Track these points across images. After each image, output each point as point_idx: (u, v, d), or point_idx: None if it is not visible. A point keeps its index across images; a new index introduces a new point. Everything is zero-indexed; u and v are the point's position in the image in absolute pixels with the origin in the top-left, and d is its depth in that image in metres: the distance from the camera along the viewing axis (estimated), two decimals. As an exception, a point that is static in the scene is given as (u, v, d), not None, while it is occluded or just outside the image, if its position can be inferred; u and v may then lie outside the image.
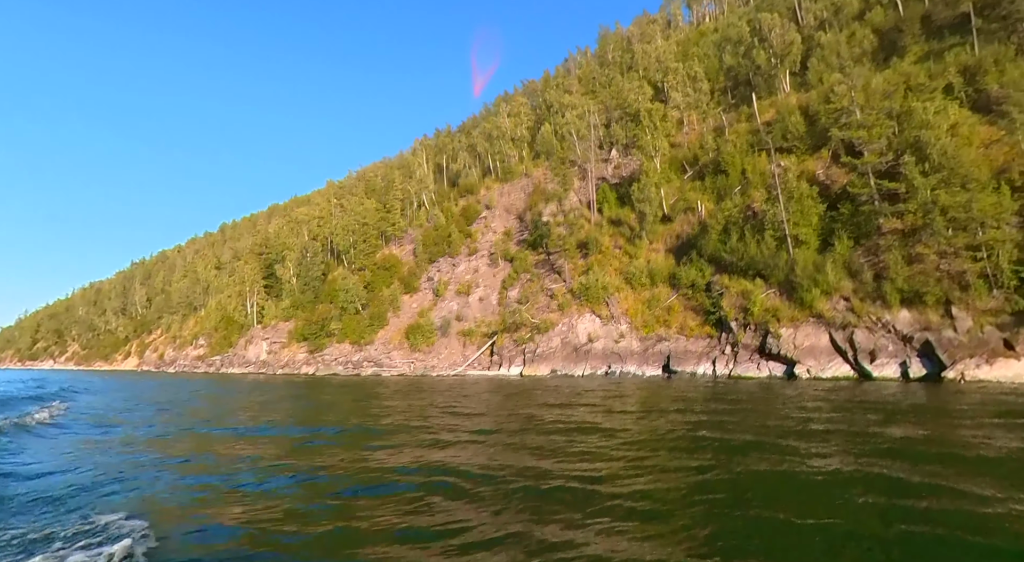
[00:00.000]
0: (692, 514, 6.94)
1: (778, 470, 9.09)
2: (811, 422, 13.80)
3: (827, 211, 32.68)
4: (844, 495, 7.51)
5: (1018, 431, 11.76)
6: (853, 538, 5.96)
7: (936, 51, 41.17)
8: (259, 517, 7.28)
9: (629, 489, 8.06)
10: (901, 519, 6.39)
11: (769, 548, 5.87)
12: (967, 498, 7.07)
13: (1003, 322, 23.20)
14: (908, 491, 7.51)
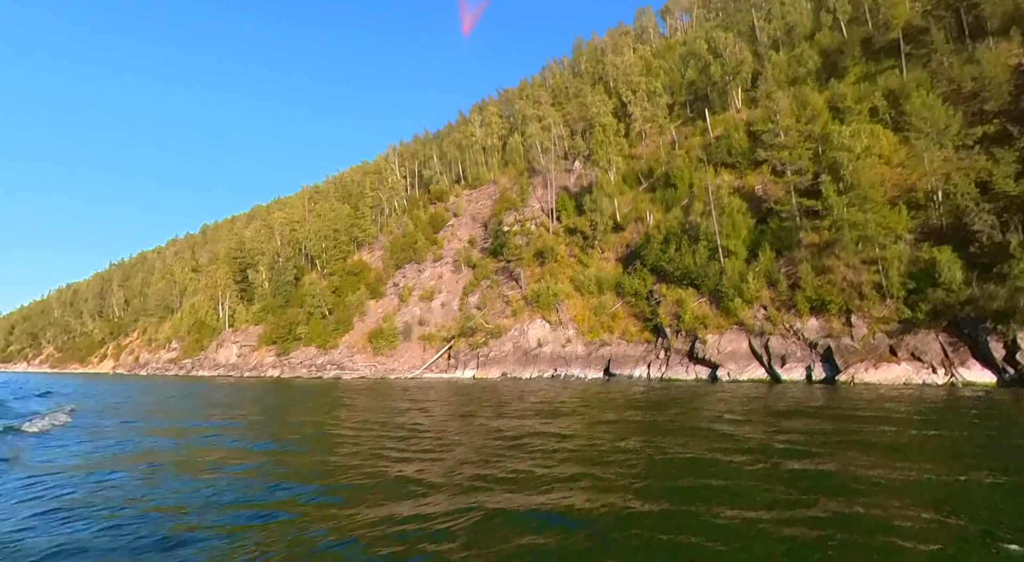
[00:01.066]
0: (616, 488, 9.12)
1: (703, 457, 10.93)
2: (722, 418, 16.17)
3: (758, 225, 35.29)
4: (750, 470, 9.73)
5: (891, 425, 14.01)
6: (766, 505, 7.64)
7: (872, 73, 44.16)
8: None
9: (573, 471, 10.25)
10: (809, 500, 7.64)
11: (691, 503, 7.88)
12: (854, 471, 9.11)
13: (891, 330, 25.81)
14: (806, 473, 9.34)
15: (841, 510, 7.19)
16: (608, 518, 7.12)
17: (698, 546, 6.11)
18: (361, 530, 6.81)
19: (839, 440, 12.20)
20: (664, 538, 6.34)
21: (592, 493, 8.32)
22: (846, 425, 14.00)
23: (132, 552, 6.34)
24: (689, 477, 9.25)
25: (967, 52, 37.90)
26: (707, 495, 8.01)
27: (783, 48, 56.10)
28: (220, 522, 7.31)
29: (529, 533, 6.64)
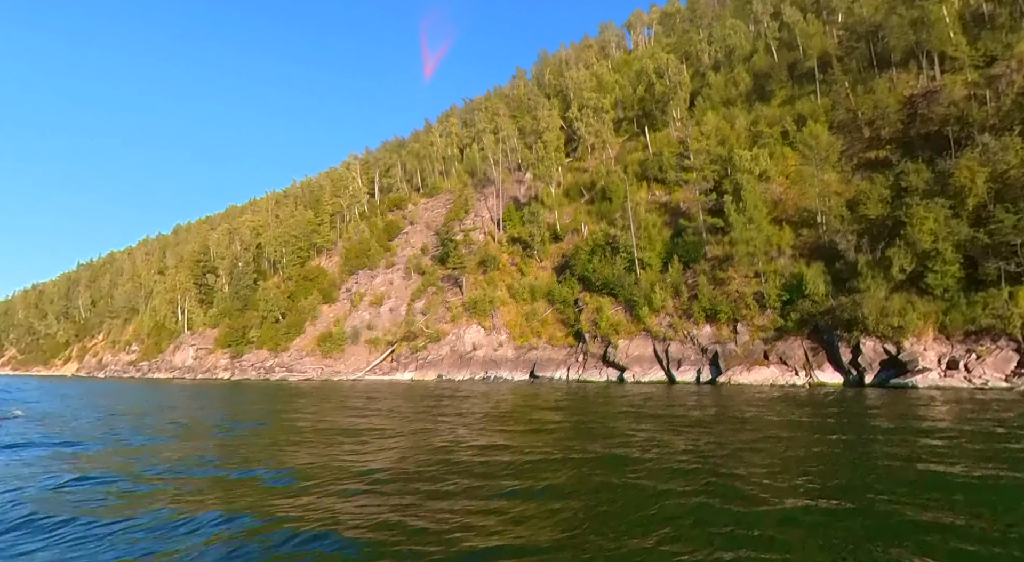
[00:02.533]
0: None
1: (613, 453, 13.48)
2: (622, 412, 18.98)
3: (674, 238, 38.47)
4: (645, 451, 12.41)
5: (747, 414, 16.94)
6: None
7: (793, 97, 47.79)
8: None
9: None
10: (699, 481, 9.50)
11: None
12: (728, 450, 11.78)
13: (767, 336, 29.02)
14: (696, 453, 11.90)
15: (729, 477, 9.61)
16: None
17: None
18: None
19: (722, 430, 15.10)
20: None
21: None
22: (733, 420, 16.95)
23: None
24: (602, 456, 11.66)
25: (874, 81, 41.52)
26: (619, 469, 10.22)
27: (723, 69, 59.69)
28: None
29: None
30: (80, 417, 21.78)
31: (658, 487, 8.67)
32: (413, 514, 7.52)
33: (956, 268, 24.55)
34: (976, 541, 6.08)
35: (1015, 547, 5.89)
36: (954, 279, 24.51)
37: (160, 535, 6.80)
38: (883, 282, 25.95)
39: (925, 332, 24.31)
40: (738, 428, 14.81)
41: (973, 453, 10.92)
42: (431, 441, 14.02)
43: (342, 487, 9.11)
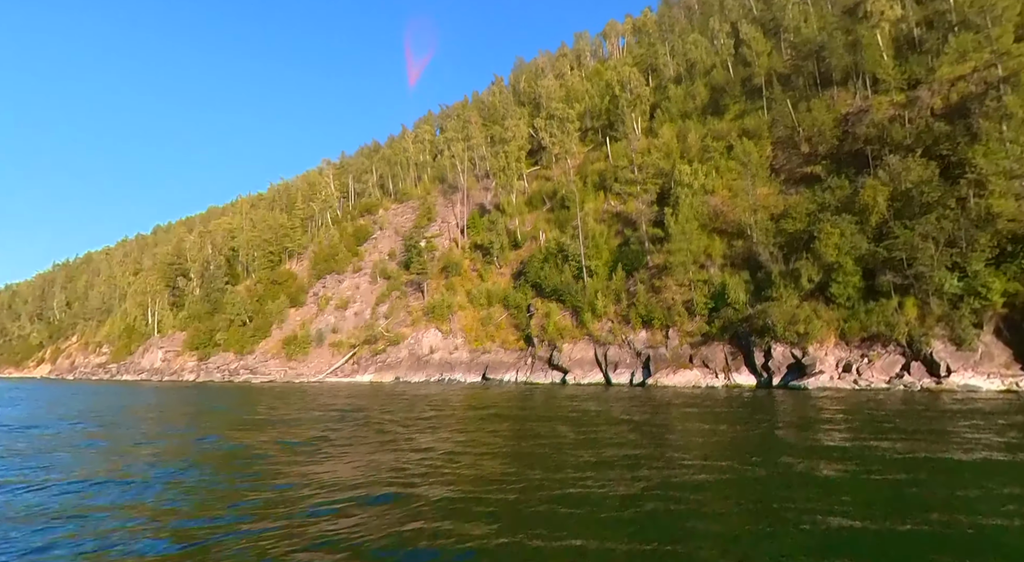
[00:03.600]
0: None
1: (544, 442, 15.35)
2: (562, 409, 20.76)
3: (621, 247, 40.51)
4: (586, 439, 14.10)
5: (672, 412, 18.81)
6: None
7: (744, 112, 50.14)
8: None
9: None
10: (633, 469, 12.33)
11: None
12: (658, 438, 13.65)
13: (695, 341, 31.10)
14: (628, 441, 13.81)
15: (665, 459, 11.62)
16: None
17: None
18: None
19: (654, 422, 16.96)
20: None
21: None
22: (661, 414, 18.81)
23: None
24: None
25: (817, 99, 43.78)
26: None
27: (684, 82, 62.02)
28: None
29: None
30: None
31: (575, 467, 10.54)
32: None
33: (857, 279, 26.79)
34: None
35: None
36: (855, 289, 26.73)
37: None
38: (794, 291, 28.14)
39: (828, 338, 26.50)
40: (627, 424, 16.76)
41: (832, 438, 12.97)
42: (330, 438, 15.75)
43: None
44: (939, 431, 14.25)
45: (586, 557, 6.56)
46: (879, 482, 9.64)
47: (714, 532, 7.30)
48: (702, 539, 7.02)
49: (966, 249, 24.07)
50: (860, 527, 7.22)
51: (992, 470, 10.25)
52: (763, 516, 7.88)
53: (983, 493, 8.77)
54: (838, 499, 8.53)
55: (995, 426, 14.61)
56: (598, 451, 12.62)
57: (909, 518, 7.48)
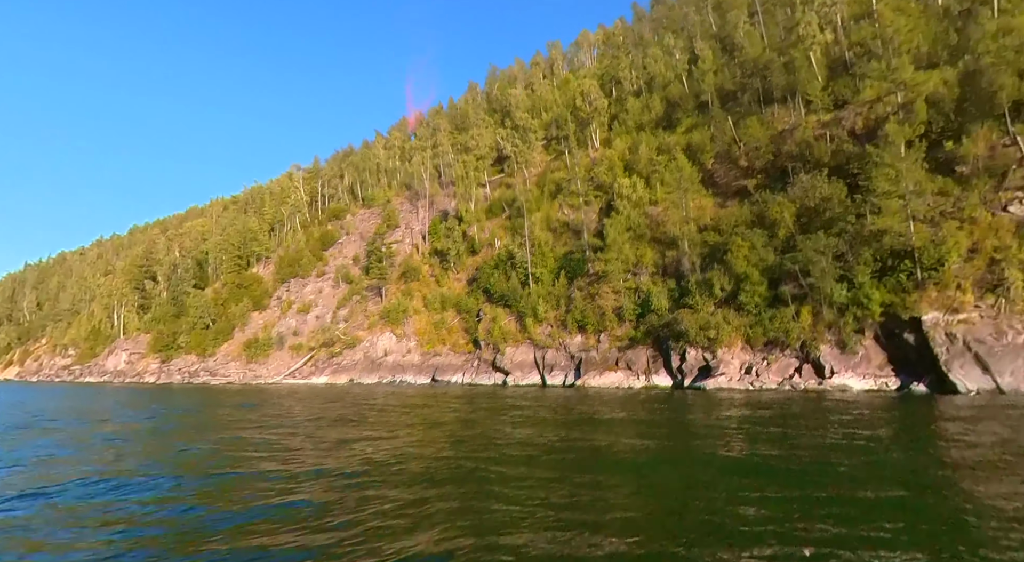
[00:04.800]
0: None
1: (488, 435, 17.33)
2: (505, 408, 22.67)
3: (567, 255, 42.69)
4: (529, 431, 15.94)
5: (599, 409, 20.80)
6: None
7: (694, 126, 52.70)
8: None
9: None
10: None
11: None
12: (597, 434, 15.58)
13: (622, 345, 33.32)
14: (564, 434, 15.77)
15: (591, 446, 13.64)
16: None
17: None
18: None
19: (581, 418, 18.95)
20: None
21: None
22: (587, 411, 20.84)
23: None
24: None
25: (758, 115, 46.28)
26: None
27: (643, 95, 64.57)
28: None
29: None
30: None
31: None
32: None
33: (763, 289, 29.20)
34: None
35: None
36: (761, 298, 29.12)
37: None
38: (709, 299, 30.49)
39: (735, 343, 28.85)
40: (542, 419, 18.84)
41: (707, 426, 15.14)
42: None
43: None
44: (788, 416, 16.52)
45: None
46: (737, 458, 11.77)
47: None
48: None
49: (853, 263, 26.57)
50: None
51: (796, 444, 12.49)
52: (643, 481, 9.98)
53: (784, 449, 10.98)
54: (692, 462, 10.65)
55: (828, 416, 16.92)
56: (516, 442, 14.68)
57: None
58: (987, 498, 8.51)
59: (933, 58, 38.85)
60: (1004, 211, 26.77)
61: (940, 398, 21.27)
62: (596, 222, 41.10)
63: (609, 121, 60.16)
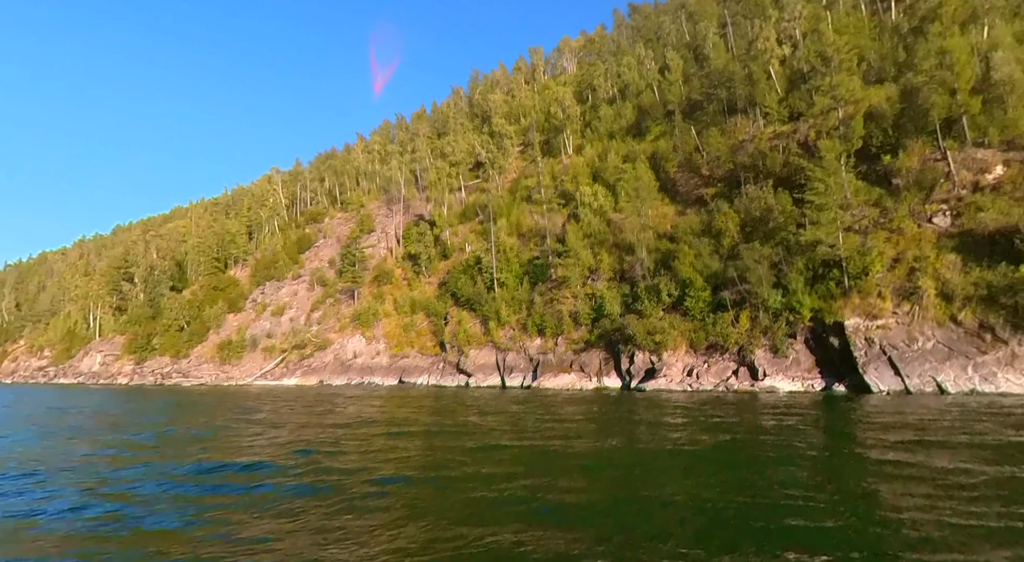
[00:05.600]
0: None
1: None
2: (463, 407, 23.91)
3: (532, 261, 44.09)
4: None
5: (553, 410, 22.10)
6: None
7: (662, 135, 54.35)
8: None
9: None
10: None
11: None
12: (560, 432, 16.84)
13: (578, 348, 34.74)
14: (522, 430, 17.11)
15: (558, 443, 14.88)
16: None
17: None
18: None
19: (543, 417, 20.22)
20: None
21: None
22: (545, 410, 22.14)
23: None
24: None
25: (722, 125, 47.88)
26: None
27: (617, 102, 66.22)
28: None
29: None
30: None
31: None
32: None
33: (707, 295, 30.75)
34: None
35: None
36: (705, 303, 30.66)
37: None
38: (658, 304, 31.99)
39: (680, 346, 30.37)
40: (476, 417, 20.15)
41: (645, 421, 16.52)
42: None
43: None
44: (713, 415, 17.98)
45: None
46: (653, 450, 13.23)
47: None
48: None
49: (787, 271, 28.19)
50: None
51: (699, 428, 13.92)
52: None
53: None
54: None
55: (750, 414, 18.40)
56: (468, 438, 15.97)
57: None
58: (881, 469, 10.71)
59: (883, 74, 40.88)
60: (929, 223, 28.54)
61: (856, 397, 22.89)
62: (561, 228, 42.51)
63: (582, 128, 61.75)
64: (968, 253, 25.40)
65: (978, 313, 23.07)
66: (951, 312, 23.71)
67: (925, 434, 14.23)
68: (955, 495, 8.67)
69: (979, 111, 30.43)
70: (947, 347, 22.98)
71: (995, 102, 30.91)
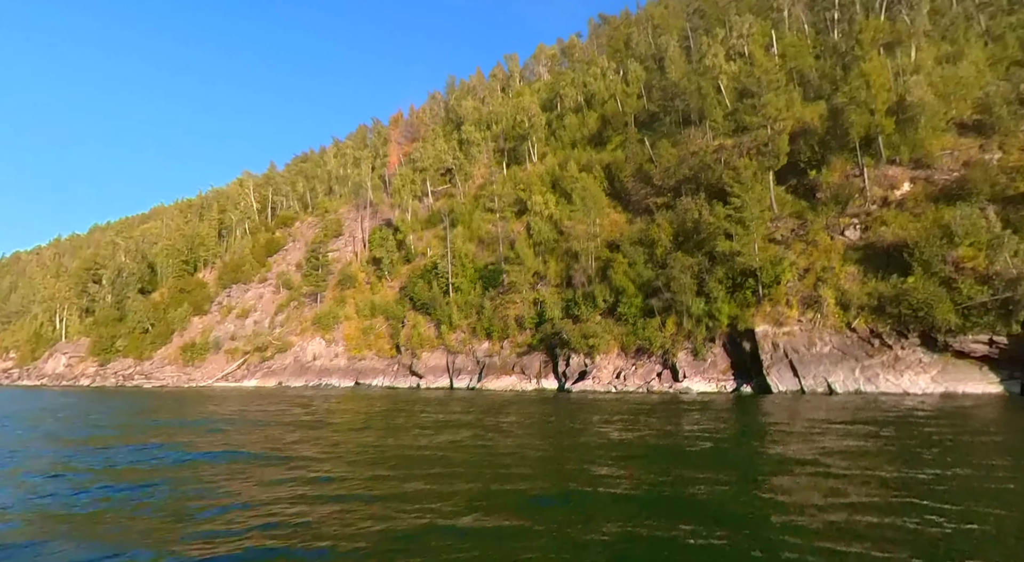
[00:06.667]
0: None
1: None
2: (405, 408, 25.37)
3: (486, 267, 45.78)
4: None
5: (488, 414, 23.64)
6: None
7: (620, 145, 56.42)
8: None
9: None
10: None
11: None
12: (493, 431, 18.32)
13: (521, 351, 36.49)
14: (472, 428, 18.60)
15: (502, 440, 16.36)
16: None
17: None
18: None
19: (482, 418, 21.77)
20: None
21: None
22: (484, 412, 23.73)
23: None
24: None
25: (666, 138, 50.03)
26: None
27: (583, 112, 68.27)
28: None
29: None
30: None
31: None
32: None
33: (639, 301, 32.66)
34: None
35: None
36: (637, 309, 32.57)
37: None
38: (595, 310, 33.86)
39: (612, 350, 32.24)
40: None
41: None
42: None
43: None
44: (628, 412, 19.75)
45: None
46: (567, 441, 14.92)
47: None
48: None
49: (708, 280, 30.18)
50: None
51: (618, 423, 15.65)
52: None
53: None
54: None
55: (660, 412, 20.22)
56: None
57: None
58: (765, 450, 13.11)
59: (820, 92, 43.40)
60: (841, 235, 30.74)
61: (759, 397, 24.86)
62: (510, 235, 44.26)
63: (548, 136, 63.69)
64: (869, 265, 27.57)
65: (869, 321, 25.19)
66: (847, 320, 25.81)
67: (798, 425, 16.42)
68: (819, 472, 10.35)
69: (893, 131, 32.77)
70: (841, 351, 25.06)
71: (908, 123, 33.28)
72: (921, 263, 25.01)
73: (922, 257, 25.05)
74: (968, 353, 22.73)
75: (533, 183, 47.26)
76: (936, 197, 29.11)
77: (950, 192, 28.69)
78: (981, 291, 22.69)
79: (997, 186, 27.80)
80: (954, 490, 8.97)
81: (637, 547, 6.96)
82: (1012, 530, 7.18)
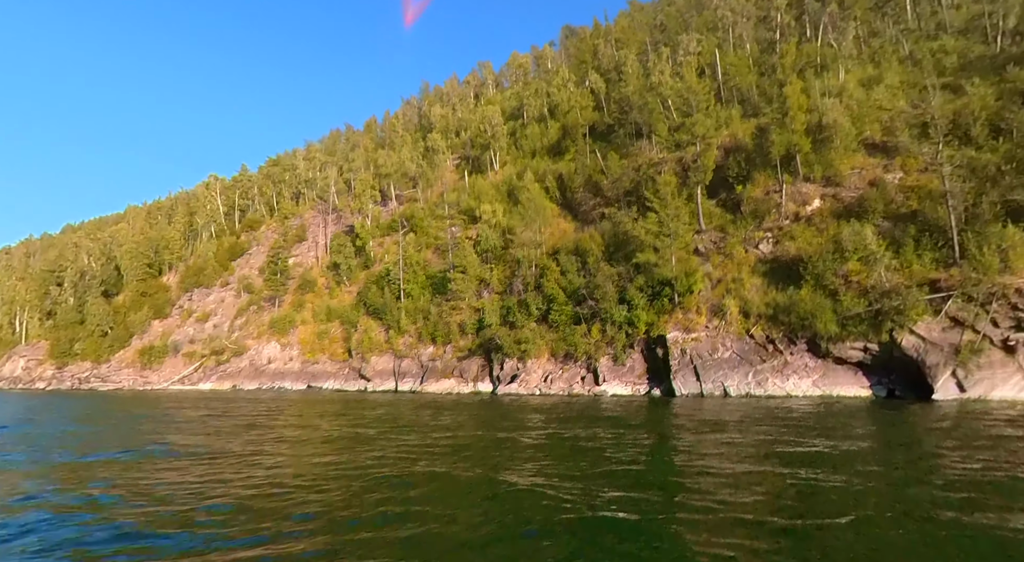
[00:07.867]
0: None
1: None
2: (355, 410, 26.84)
3: (439, 273, 47.55)
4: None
5: (437, 412, 25.24)
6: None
7: (575, 155, 58.61)
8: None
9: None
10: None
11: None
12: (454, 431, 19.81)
13: (462, 355, 38.29)
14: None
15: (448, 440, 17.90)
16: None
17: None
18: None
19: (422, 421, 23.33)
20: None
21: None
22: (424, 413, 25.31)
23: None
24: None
25: (614, 150, 52.25)
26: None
27: (546, 121, 70.48)
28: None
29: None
30: None
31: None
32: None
33: (569, 309, 34.68)
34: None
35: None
36: (567, 316, 34.57)
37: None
38: (529, 317, 35.81)
39: (542, 355, 34.19)
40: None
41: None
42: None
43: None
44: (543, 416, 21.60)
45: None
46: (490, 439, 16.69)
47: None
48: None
49: (629, 288, 32.29)
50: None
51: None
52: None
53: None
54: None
55: (554, 411, 22.11)
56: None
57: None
58: (672, 442, 15.01)
59: (758, 110, 46.02)
60: (756, 249, 33.07)
61: (664, 400, 26.93)
62: (453, 244, 46.10)
63: (510, 145, 65.77)
64: (773, 277, 29.87)
65: (766, 328, 27.44)
66: (747, 327, 28.04)
67: (690, 423, 18.65)
68: (704, 458, 12.50)
69: (809, 150, 35.25)
70: (739, 357, 27.25)
71: (824, 143, 35.81)
72: (813, 276, 27.33)
73: (814, 270, 27.38)
74: (846, 359, 25.02)
75: (487, 192, 49.16)
76: (840, 213, 31.51)
77: (852, 209, 31.14)
78: (858, 303, 25.00)
79: (892, 204, 30.32)
80: (814, 461, 11.54)
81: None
82: (859, 488, 9.47)
